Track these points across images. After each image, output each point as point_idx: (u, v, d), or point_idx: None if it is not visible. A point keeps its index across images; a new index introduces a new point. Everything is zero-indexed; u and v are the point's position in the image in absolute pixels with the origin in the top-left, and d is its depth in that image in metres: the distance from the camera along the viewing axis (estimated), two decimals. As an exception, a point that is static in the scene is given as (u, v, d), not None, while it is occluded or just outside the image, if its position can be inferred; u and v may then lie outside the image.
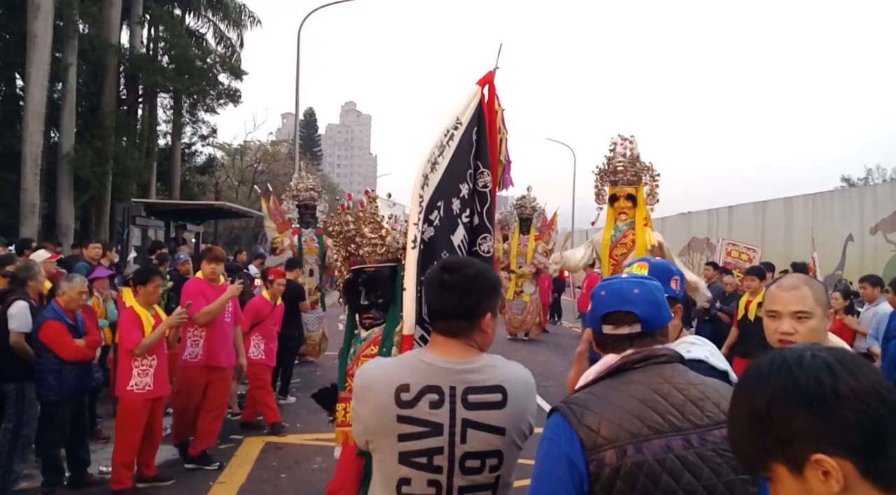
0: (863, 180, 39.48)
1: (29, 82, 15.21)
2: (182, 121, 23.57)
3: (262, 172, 35.08)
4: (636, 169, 8.59)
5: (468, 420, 1.76)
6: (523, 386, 1.89)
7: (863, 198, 19.45)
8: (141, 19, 21.11)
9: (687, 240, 27.21)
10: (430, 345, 1.91)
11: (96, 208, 18.62)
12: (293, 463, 6.05)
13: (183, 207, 18.33)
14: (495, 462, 1.80)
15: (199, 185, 27.95)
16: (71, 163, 16.36)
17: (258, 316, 7.31)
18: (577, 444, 1.50)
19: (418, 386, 1.77)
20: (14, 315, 5.24)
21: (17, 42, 15.49)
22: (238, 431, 7.09)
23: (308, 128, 70.71)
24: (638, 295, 1.67)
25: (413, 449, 1.76)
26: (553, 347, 13.98)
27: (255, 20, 24.67)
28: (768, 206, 23.15)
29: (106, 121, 18.09)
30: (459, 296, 1.82)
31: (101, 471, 5.57)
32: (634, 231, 8.46)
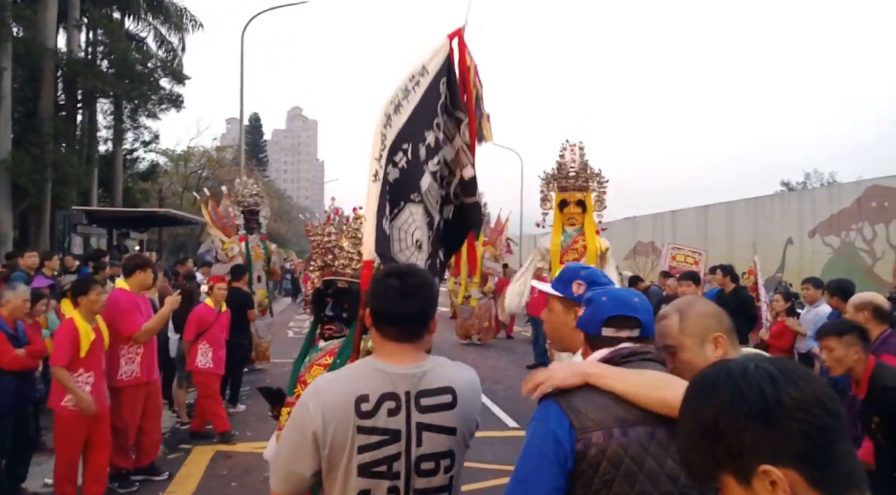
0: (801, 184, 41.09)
1: (-37, 87, 14.64)
2: (123, 126, 22.95)
3: (206, 178, 34.39)
4: (586, 175, 8.82)
5: (422, 423, 1.80)
6: (469, 386, 1.94)
7: (801, 202, 20.21)
8: (78, 23, 20.48)
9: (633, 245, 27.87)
10: (379, 350, 1.90)
11: (36, 216, 17.97)
12: (244, 471, 6.02)
13: (125, 215, 17.88)
14: (448, 462, 1.84)
15: (142, 192, 27.27)
16: (8, 170, 15.77)
17: (203, 323, 7.23)
18: (565, 424, 1.57)
19: (377, 394, 1.78)
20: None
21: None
22: (187, 440, 7.00)
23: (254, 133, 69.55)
24: (638, 302, 1.79)
25: (373, 459, 1.76)
26: (502, 351, 14.17)
27: (197, 24, 24.25)
28: (710, 210, 23.90)
29: (44, 127, 17.51)
30: (420, 303, 1.87)
31: (46, 484, 5.43)
32: (584, 237, 8.67)
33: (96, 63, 20.75)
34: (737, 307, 7.57)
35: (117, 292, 5.62)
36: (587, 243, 8.61)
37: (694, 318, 1.84)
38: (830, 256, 18.07)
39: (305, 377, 3.01)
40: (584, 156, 8.86)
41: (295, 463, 1.80)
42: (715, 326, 1.83)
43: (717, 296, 8.36)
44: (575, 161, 8.85)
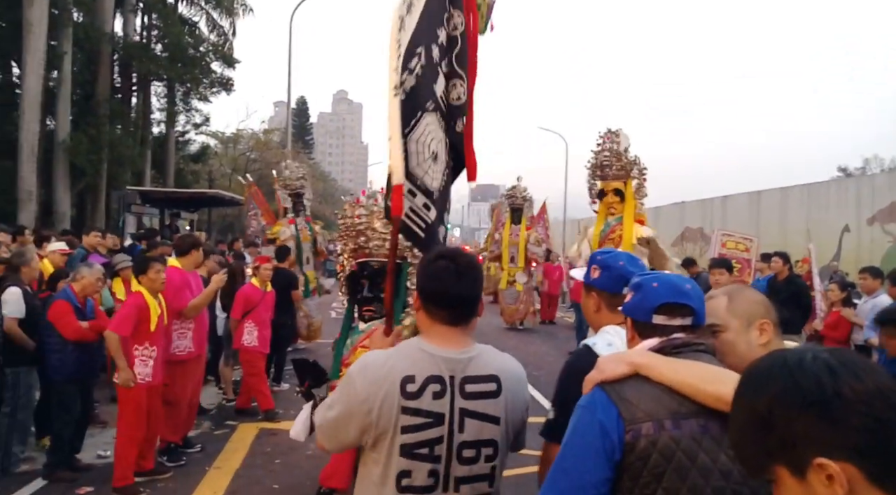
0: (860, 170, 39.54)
1: (25, 70, 15.18)
2: (175, 109, 23.51)
3: (254, 161, 34.99)
4: (623, 163, 8.62)
5: (465, 409, 1.78)
6: (515, 377, 1.92)
7: (860, 189, 19.46)
8: (134, 7, 21.02)
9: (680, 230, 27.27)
10: (427, 333, 1.89)
11: (92, 196, 18.61)
12: (287, 449, 6.14)
13: (177, 195, 18.34)
14: (490, 451, 1.82)
15: (193, 173, 27.90)
16: (67, 151, 16.35)
17: (249, 303, 7.36)
18: (613, 413, 1.52)
19: (422, 376, 1.78)
20: (8, 301, 5.31)
21: (12, 30, 15.44)
22: (233, 417, 7.18)
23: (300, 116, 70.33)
24: (691, 289, 1.71)
25: (415, 440, 1.76)
26: (545, 336, 14.10)
27: (248, 8, 24.61)
28: (763, 196, 23.18)
29: (100, 109, 18.06)
30: (472, 283, 1.86)
31: (100, 456, 5.66)
32: (622, 226, 8.50)
33: (151, 47, 21.26)
34: (789, 295, 7.35)
35: (170, 270, 5.77)
36: (623, 232, 8.45)
37: (743, 301, 1.82)
38: (890, 245, 17.35)
39: (350, 360, 3.02)
40: (620, 143, 8.66)
41: (340, 431, 1.85)
42: (763, 313, 1.80)
43: (768, 284, 8.12)
44: (611, 149, 8.68)
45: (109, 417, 6.31)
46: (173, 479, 5.29)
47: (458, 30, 2.71)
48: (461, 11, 2.75)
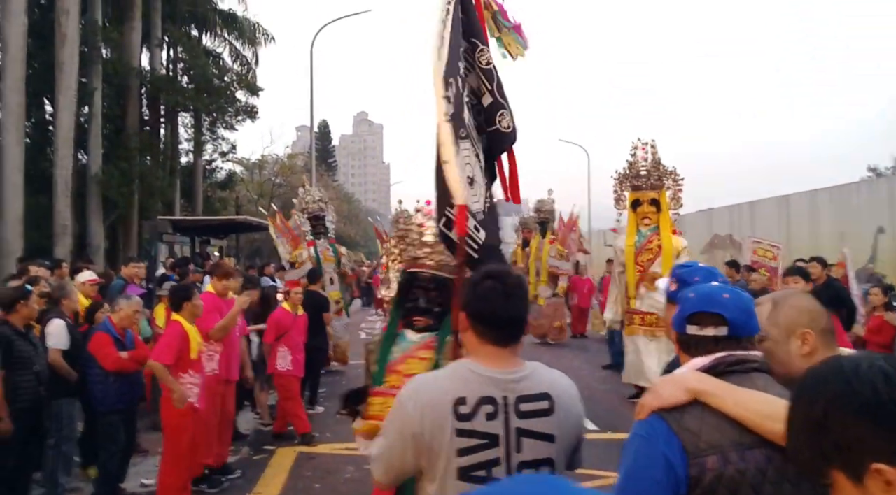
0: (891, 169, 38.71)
1: (58, 108, 15.65)
2: (203, 138, 23.99)
3: (280, 185, 35.48)
4: (659, 173, 8.62)
5: (521, 429, 1.77)
6: (568, 393, 1.91)
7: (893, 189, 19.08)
8: (160, 42, 21.57)
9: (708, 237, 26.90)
10: (476, 354, 1.88)
11: (124, 226, 19.01)
12: (326, 472, 6.17)
13: (206, 223, 18.64)
14: (548, 470, 1.80)
15: (221, 200, 28.36)
16: (99, 184, 16.77)
17: (281, 327, 7.43)
18: (676, 446, 1.46)
19: (474, 398, 1.76)
20: (51, 333, 5.44)
21: (45, 70, 15.95)
22: (270, 442, 7.22)
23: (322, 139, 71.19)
24: (728, 299, 1.67)
25: (472, 462, 1.74)
26: (577, 350, 13.97)
27: (269, 37, 25.10)
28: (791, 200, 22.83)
29: (131, 142, 18.51)
30: (520, 304, 1.87)
31: (143, 484, 5.73)
32: (660, 236, 8.48)
33: (177, 79, 21.77)
34: (829, 299, 7.22)
35: (204, 295, 5.97)
36: (662, 242, 8.42)
37: (786, 310, 1.77)
38: (929, 245, 16.89)
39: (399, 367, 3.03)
40: (656, 153, 8.67)
41: (395, 459, 1.85)
42: (805, 322, 1.74)
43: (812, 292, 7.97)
44: (646, 159, 8.67)
45: (150, 445, 6.41)
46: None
47: (492, 62, 2.88)
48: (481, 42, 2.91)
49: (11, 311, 4.91)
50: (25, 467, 5.09)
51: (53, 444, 5.34)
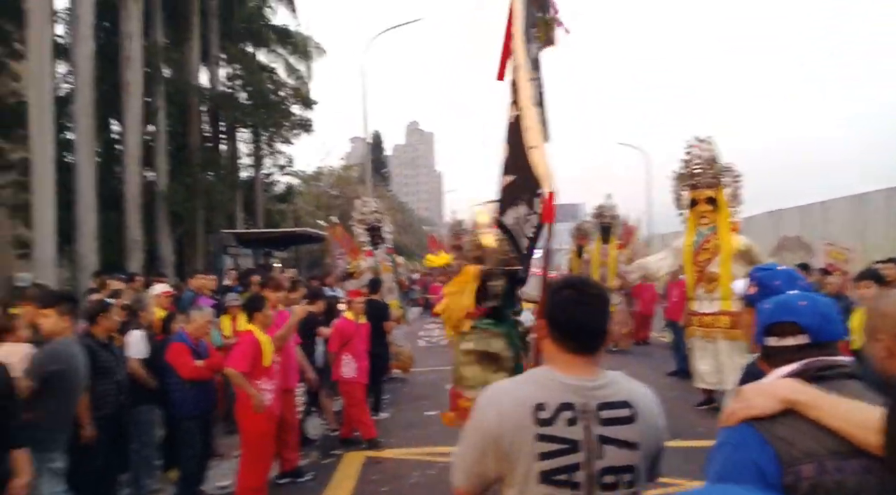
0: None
1: (125, 127, 16.39)
2: (261, 153, 24.65)
3: (336, 197, 36.10)
4: (715, 171, 8.41)
5: (603, 436, 1.78)
6: (649, 402, 1.91)
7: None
8: (217, 59, 22.30)
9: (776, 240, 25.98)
10: (555, 361, 1.89)
11: (190, 240, 19.70)
12: (392, 477, 6.23)
13: (268, 235, 19.15)
14: (630, 477, 1.80)
15: (280, 213, 29.04)
16: (166, 199, 17.44)
17: (344, 335, 7.55)
18: (769, 454, 1.45)
19: (554, 403, 1.78)
20: (131, 343, 5.70)
21: (111, 91, 16.70)
22: (338, 447, 7.35)
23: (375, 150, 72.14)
24: (804, 306, 1.64)
25: (553, 467, 1.76)
26: (640, 357, 13.70)
27: (321, 50, 25.64)
28: (866, 199, 21.84)
29: (194, 158, 19.20)
30: (599, 314, 1.87)
31: (220, 487, 5.91)
32: (717, 236, 8.27)
33: (235, 95, 22.45)
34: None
35: None
36: (720, 242, 8.20)
37: (869, 313, 1.75)
38: None
39: None
40: (711, 150, 8.46)
41: (476, 465, 1.86)
42: (880, 326, 1.68)
43: None
44: (701, 157, 8.48)
45: (225, 449, 6.61)
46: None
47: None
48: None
49: (94, 323, 5.14)
50: (111, 470, 5.33)
51: (136, 449, 5.58)
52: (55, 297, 4.60)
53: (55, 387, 3.98)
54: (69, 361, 4.09)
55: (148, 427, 5.75)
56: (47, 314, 4.23)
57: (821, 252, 12.00)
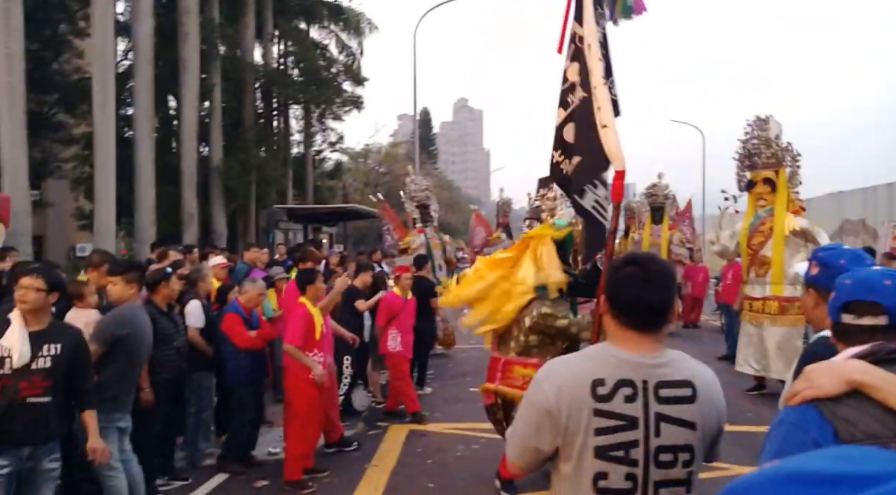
0: None
1: (182, 103, 16.81)
2: (312, 130, 24.96)
3: (384, 174, 36.36)
4: (773, 151, 8.17)
5: (661, 414, 1.76)
6: (710, 383, 1.88)
7: None
8: (272, 36, 22.57)
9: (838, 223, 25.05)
10: (616, 338, 1.88)
11: (243, 215, 20.18)
12: (437, 450, 6.35)
13: (318, 211, 19.47)
14: (688, 457, 1.79)
15: (329, 190, 29.46)
16: (220, 175, 17.87)
17: (392, 310, 7.67)
18: (829, 434, 1.41)
19: (613, 380, 1.77)
20: (190, 312, 5.91)
21: (169, 68, 17.13)
22: (383, 419, 7.51)
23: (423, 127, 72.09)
24: (889, 286, 1.57)
25: (610, 443, 1.76)
26: (690, 341, 13.48)
27: (373, 27, 25.68)
28: (936, 180, 20.75)
29: (247, 134, 19.58)
30: (662, 292, 1.83)
31: (270, 453, 6.14)
32: (773, 218, 8.06)
33: (288, 72, 22.74)
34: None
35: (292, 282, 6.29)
36: (774, 224, 7.98)
37: None
38: None
39: None
40: (770, 130, 8.20)
41: (530, 439, 1.87)
42: None
43: None
44: (759, 137, 8.24)
45: (275, 418, 6.83)
46: (336, 475, 5.64)
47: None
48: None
49: (153, 292, 5.36)
50: (170, 433, 5.60)
51: (194, 412, 5.83)
52: (123, 265, 4.80)
53: (121, 351, 4.19)
54: (135, 326, 4.28)
55: (205, 392, 5.99)
56: (115, 281, 4.44)
57: (887, 236, 11.54)
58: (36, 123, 14.98)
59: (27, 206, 11.90)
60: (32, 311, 3.43)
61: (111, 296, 4.51)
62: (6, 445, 3.28)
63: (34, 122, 13.72)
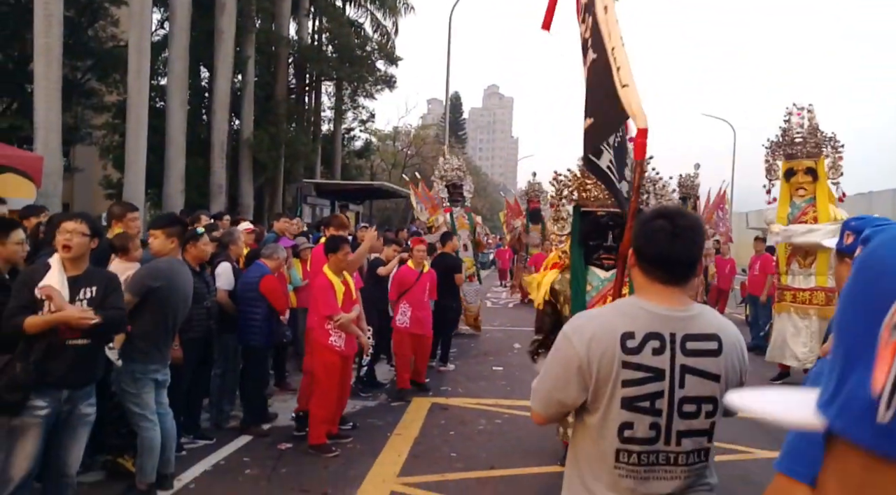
0: None
1: (216, 75, 16.86)
2: (343, 107, 24.96)
3: (412, 156, 36.33)
4: (816, 140, 8.01)
5: (686, 366, 1.79)
6: (736, 338, 1.90)
7: None
8: (308, 12, 22.55)
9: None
10: (644, 291, 1.89)
11: (270, 188, 20.29)
12: (459, 422, 6.36)
13: (346, 188, 19.54)
14: (711, 408, 1.82)
15: (357, 168, 29.53)
16: (250, 148, 17.95)
17: (403, 284, 7.52)
18: None
19: (642, 333, 1.80)
20: (220, 274, 5.94)
21: (204, 38, 17.18)
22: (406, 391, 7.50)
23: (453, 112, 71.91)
24: None
25: (636, 394, 1.78)
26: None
27: (409, 7, 25.53)
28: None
29: (279, 108, 19.62)
30: (690, 245, 1.84)
31: (293, 418, 6.18)
32: (815, 208, 7.89)
33: (322, 48, 22.71)
34: None
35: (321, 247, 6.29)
36: (818, 214, 7.82)
37: None
38: None
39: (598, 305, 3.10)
40: (813, 119, 8.04)
41: (556, 392, 1.88)
42: None
43: None
44: (802, 125, 8.07)
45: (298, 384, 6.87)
46: (360, 442, 5.66)
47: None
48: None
49: (183, 251, 5.37)
50: (196, 394, 5.65)
51: (220, 374, 5.88)
52: (164, 219, 4.83)
53: (153, 303, 4.20)
54: (170, 279, 4.29)
55: (231, 354, 6.03)
56: (156, 234, 4.45)
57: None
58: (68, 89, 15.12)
59: (59, 168, 12.04)
60: (74, 258, 3.46)
61: (151, 249, 4.54)
62: (46, 386, 3.32)
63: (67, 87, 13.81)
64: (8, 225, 3.87)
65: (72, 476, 3.55)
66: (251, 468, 5.00)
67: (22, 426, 3.28)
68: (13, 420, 3.27)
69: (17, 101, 16.45)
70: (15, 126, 15.00)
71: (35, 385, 3.25)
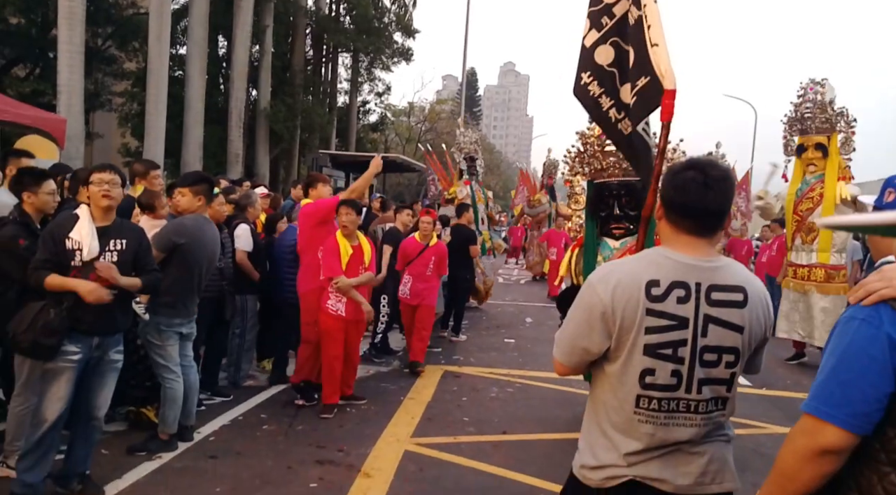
0: None
1: (234, 43, 16.85)
2: (359, 79, 24.87)
3: (427, 131, 36.23)
4: (827, 115, 7.89)
5: (710, 316, 1.81)
6: (760, 292, 1.90)
7: None
8: (326, -19, 22.42)
9: (885, 210, 24.31)
10: (671, 242, 1.91)
11: (285, 159, 20.36)
12: (471, 389, 6.46)
13: (362, 159, 19.51)
14: (731, 358, 1.83)
15: (372, 141, 29.47)
16: (267, 117, 17.98)
17: (406, 255, 7.42)
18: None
19: (667, 281, 1.81)
20: (239, 236, 6.00)
21: (223, 7, 17.14)
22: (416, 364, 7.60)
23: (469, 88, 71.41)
24: None
25: (659, 341, 1.80)
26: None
27: (428, -22, 25.30)
28: None
29: (296, 79, 19.60)
30: (721, 196, 1.85)
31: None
32: (823, 184, 7.83)
33: (340, 20, 22.58)
34: None
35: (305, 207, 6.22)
36: (825, 190, 7.75)
37: None
38: None
39: None
40: (825, 94, 7.91)
41: (580, 339, 1.91)
42: None
43: None
44: (814, 100, 7.95)
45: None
46: (374, 404, 5.78)
47: None
48: None
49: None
50: (215, 353, 5.77)
51: (238, 334, 5.99)
52: (191, 177, 4.89)
53: (178, 258, 4.29)
54: (194, 235, 4.37)
55: (251, 314, 6.14)
56: (183, 192, 4.53)
57: None
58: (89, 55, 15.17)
59: (80, 132, 12.16)
60: (109, 208, 3.54)
61: (178, 206, 4.61)
62: (78, 333, 3.42)
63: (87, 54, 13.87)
64: (40, 175, 3.96)
65: (100, 419, 3.67)
66: (268, 424, 5.13)
67: (55, 370, 3.39)
68: (47, 364, 3.39)
69: (40, 66, 16.55)
70: (38, 91, 15.11)
71: (68, 331, 3.36)
